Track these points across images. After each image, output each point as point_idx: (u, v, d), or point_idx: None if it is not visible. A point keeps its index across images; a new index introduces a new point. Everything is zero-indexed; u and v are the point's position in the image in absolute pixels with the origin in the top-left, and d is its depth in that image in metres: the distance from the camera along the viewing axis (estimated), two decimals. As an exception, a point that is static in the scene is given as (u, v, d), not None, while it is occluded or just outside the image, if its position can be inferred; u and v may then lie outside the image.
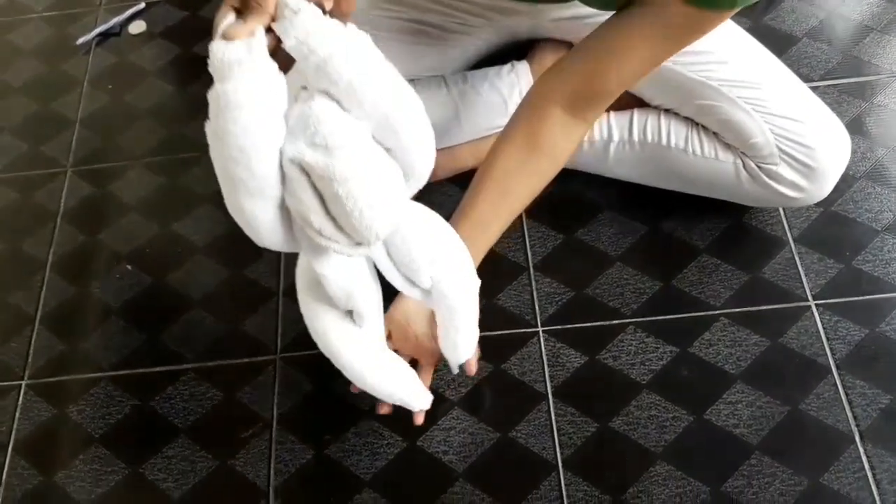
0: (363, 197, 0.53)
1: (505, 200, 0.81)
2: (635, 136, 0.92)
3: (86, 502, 0.85)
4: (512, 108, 0.96)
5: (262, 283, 0.98)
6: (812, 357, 0.87)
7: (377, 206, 0.54)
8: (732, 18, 0.90)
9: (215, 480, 0.85)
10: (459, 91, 0.96)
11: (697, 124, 0.90)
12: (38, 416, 0.91)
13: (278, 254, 1.00)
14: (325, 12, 0.52)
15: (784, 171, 0.85)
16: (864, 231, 0.94)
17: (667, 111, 0.91)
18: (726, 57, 0.86)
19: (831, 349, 0.87)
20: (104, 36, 1.25)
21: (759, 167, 0.86)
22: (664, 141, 0.90)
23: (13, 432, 0.90)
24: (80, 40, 1.24)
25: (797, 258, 0.93)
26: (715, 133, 0.88)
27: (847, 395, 0.84)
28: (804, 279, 0.92)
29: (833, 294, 0.90)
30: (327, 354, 0.74)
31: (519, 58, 1.00)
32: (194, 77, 1.19)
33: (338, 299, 0.67)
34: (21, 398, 0.92)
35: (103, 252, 1.03)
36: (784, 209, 0.97)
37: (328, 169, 0.52)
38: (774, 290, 0.91)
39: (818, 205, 0.96)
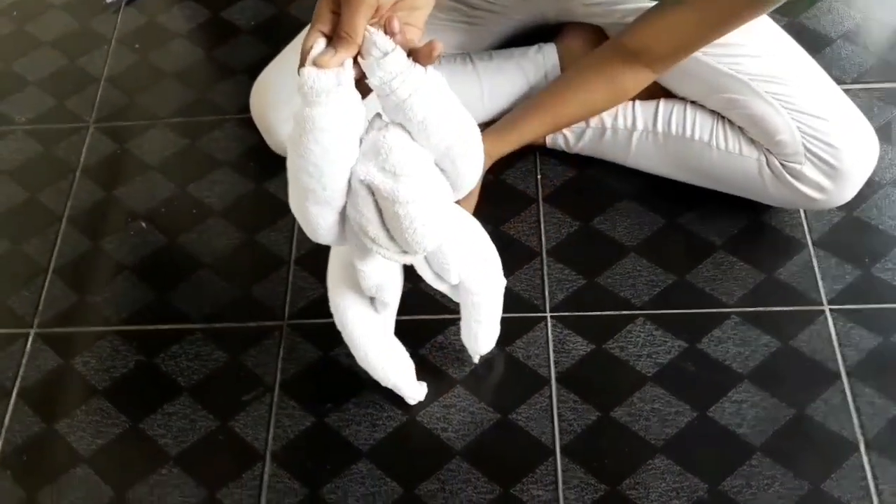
0: (420, 217, 0.59)
1: (560, 104, 0.88)
2: (659, 127, 0.91)
3: (85, 452, 0.86)
4: (536, 90, 0.96)
5: (274, 251, 0.98)
6: (822, 362, 0.85)
7: (430, 226, 0.61)
8: (769, 14, 0.89)
9: (214, 440, 0.85)
10: (484, 68, 0.95)
11: (723, 118, 0.88)
12: (44, 364, 0.92)
13: (293, 223, 1.00)
14: (409, 55, 0.56)
15: (808, 170, 0.83)
16: (886, 239, 0.93)
17: (693, 103, 0.90)
18: (758, 51, 0.84)
19: (843, 355, 0.85)
20: (135, -4, 1.25)
21: (783, 165, 0.85)
22: (688, 133, 0.89)
23: (18, 378, 0.91)
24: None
25: (815, 261, 0.92)
26: (740, 128, 0.87)
27: (855, 402, 0.83)
28: (820, 283, 0.90)
29: (849, 300, 0.89)
30: (340, 328, 0.77)
31: (546, 42, 0.99)
32: (221, 41, 1.19)
33: (367, 289, 0.72)
34: (29, 346, 0.93)
35: (119, 208, 1.04)
36: (805, 211, 0.95)
37: (393, 193, 0.58)
38: (789, 292, 0.90)
39: (840, 209, 0.95)
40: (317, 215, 0.62)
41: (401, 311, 0.81)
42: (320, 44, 0.56)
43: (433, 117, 0.57)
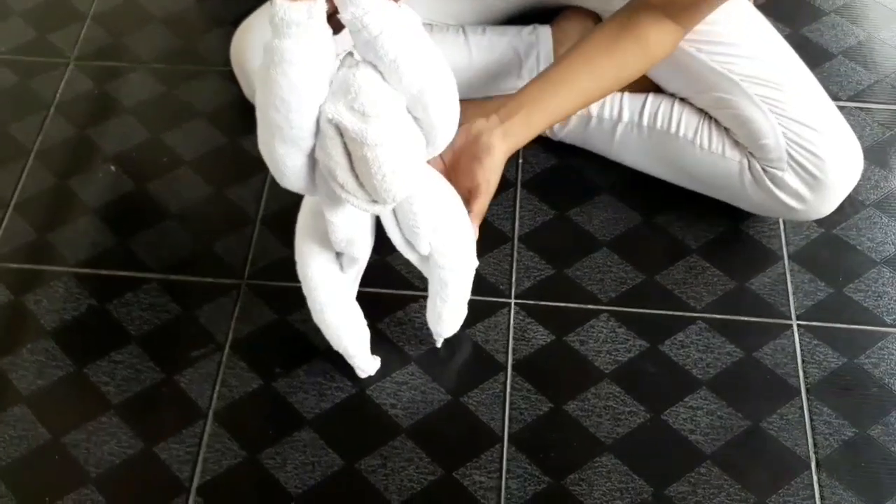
0: (388, 163, 0.57)
1: (587, 72, 0.78)
2: (645, 121, 0.89)
3: (25, 391, 0.84)
4: (526, 70, 0.94)
5: (241, 207, 0.96)
6: (783, 376, 0.84)
7: (399, 172, 0.58)
8: (771, 21, 0.87)
9: (157, 393, 0.83)
10: (476, 42, 0.93)
11: (710, 118, 0.86)
12: (-7, 298, 0.90)
13: (262, 181, 0.98)
14: None
15: (789, 178, 0.82)
16: (863, 260, 0.91)
17: (682, 100, 0.88)
18: (753, 53, 0.82)
19: (805, 372, 0.84)
20: (132, -64, 1.22)
21: (764, 170, 0.83)
22: (673, 129, 0.87)
23: (-35, 310, 0.89)
24: (107, -64, 1.21)
25: (788, 275, 0.90)
26: (726, 130, 0.85)
27: (812, 420, 0.81)
28: (791, 297, 0.89)
29: (817, 317, 0.87)
30: (301, 278, 0.75)
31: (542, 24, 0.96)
32: (215, -8, 1.16)
33: (337, 243, 0.70)
34: (-20, 278, 0.91)
35: (90, 149, 1.01)
36: (784, 223, 0.93)
37: (362, 133, 0.56)
38: (758, 303, 0.88)
39: (819, 225, 0.93)
40: (284, 155, 0.60)
41: (363, 282, 0.79)
42: None
43: (405, 56, 0.55)
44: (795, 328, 0.87)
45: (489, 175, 0.76)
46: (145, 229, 0.94)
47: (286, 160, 0.60)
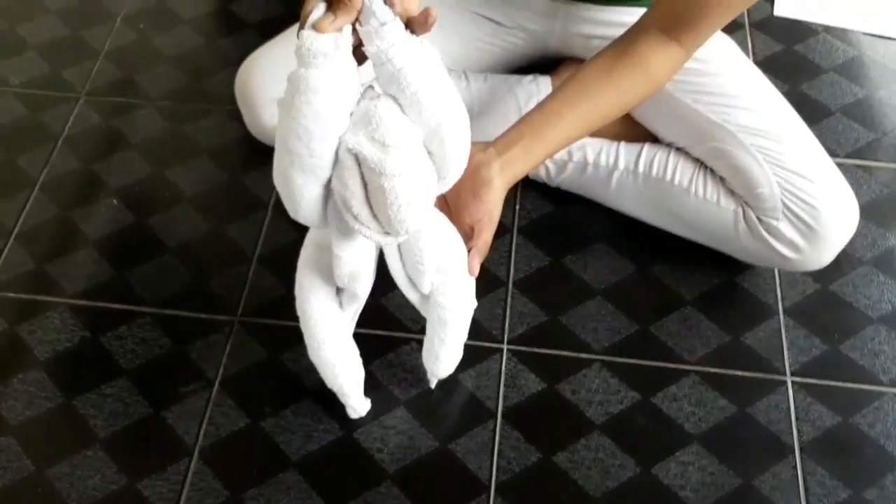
0: (404, 194, 0.59)
1: (584, 99, 0.77)
2: (640, 168, 0.89)
3: (13, 421, 0.83)
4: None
5: (238, 245, 0.97)
6: (777, 434, 0.82)
7: (414, 203, 0.60)
8: (769, 76, 0.88)
9: (144, 428, 0.83)
10: (478, 87, 0.94)
11: (705, 168, 0.87)
12: (-12, 327, 0.90)
13: (261, 219, 0.99)
14: (406, 27, 0.57)
15: (784, 227, 0.82)
16: (859, 317, 0.90)
17: (678, 150, 0.89)
18: (750, 105, 0.83)
19: (799, 430, 0.83)
20: (149, -23, 1.26)
21: (759, 219, 0.83)
22: (668, 177, 0.88)
23: (-40, 338, 0.89)
24: (125, -24, 1.25)
25: (783, 330, 0.90)
26: (721, 179, 0.86)
27: (805, 481, 0.80)
28: (786, 353, 0.88)
29: (813, 374, 0.86)
30: (300, 313, 0.75)
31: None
32: (226, 33, 1.19)
33: (340, 278, 0.71)
34: (-24, 307, 0.92)
35: (94, 183, 1.03)
36: (780, 278, 0.93)
37: (381, 163, 0.57)
38: (753, 358, 0.88)
39: (815, 280, 0.93)
40: (301, 185, 0.61)
41: (356, 324, 0.79)
42: (320, 8, 0.57)
43: (426, 89, 0.57)
44: (790, 384, 0.86)
45: (490, 208, 0.76)
46: (143, 263, 0.95)
47: (303, 190, 0.62)
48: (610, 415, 0.84)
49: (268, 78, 0.87)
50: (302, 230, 0.76)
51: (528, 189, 0.99)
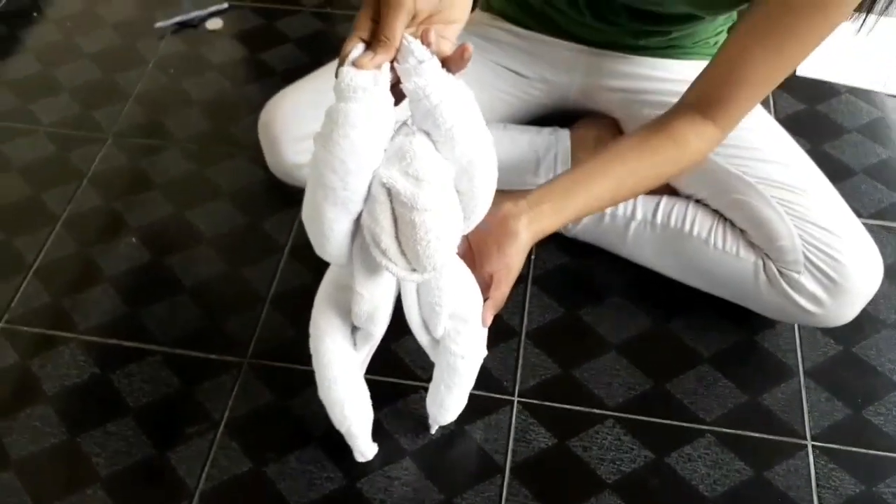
0: (434, 229, 0.60)
1: (620, 165, 0.77)
2: (659, 219, 0.88)
3: (15, 456, 0.83)
4: (543, 169, 0.95)
5: (253, 287, 0.97)
6: (796, 501, 0.79)
7: (443, 239, 0.61)
8: (791, 133, 0.87)
9: (147, 468, 0.82)
10: (497, 137, 0.93)
11: (724, 219, 0.86)
12: (0, 360, 0.90)
13: (277, 262, 0.99)
14: (443, 65, 0.59)
15: (806, 280, 0.80)
16: (883, 382, 0.87)
17: (697, 202, 0.88)
18: (771, 157, 0.83)
19: (819, 498, 0.79)
20: (182, 26, 1.30)
21: (780, 272, 0.81)
22: (687, 228, 0.86)
23: (-29, 370, 0.89)
24: (159, 24, 1.29)
25: (804, 392, 0.87)
26: (741, 231, 0.84)
27: (827, 552, 0.76)
28: (806, 416, 0.85)
29: (834, 439, 0.83)
30: (313, 351, 0.75)
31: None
32: (254, 80, 1.22)
33: (358, 316, 0.71)
34: (-9, 339, 0.92)
35: (115, 221, 1.04)
36: (801, 338, 0.91)
37: (413, 198, 0.58)
38: (772, 420, 0.85)
39: (838, 342, 0.90)
40: (332, 220, 0.62)
41: (367, 369, 0.78)
42: (359, 47, 0.58)
43: (461, 125, 0.59)
44: (810, 449, 0.83)
45: (510, 262, 0.75)
46: (157, 302, 0.95)
47: (333, 224, 0.62)
48: (622, 473, 0.81)
49: (291, 116, 0.88)
50: (316, 275, 0.76)
51: (544, 240, 0.98)
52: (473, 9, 0.99)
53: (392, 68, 0.58)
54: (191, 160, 1.11)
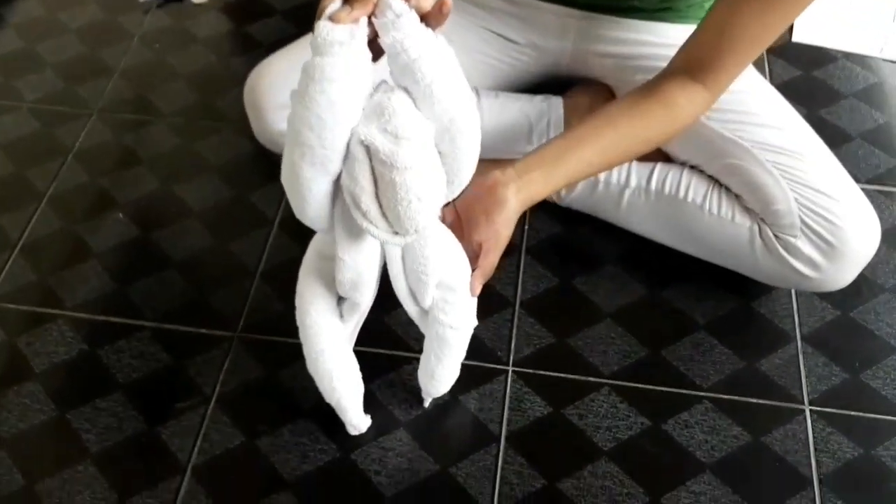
0: (415, 188, 0.58)
1: (609, 130, 0.77)
2: (653, 186, 0.87)
3: (5, 434, 0.82)
4: (536, 136, 0.94)
5: (242, 260, 0.95)
6: (794, 465, 0.78)
7: (424, 200, 0.59)
8: (786, 97, 0.86)
9: (137, 444, 0.81)
10: (488, 105, 0.93)
11: (719, 185, 0.85)
12: (-13, 338, 0.89)
13: (266, 235, 0.97)
14: (421, 20, 0.57)
15: (803, 244, 0.79)
16: (881, 346, 0.87)
17: (691, 168, 0.86)
18: (766, 121, 0.81)
19: (817, 461, 0.79)
20: (167, 0, 1.27)
21: (776, 237, 0.80)
22: (681, 194, 0.85)
23: (-43, 348, 0.88)
24: (143, -2, 1.27)
25: (801, 357, 0.86)
26: (736, 197, 0.83)
27: (825, 515, 0.75)
28: (804, 381, 0.84)
29: (832, 403, 0.83)
30: (299, 323, 0.74)
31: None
32: (240, 53, 1.20)
33: (342, 284, 0.70)
34: (-24, 317, 0.91)
35: (102, 197, 1.02)
36: (798, 303, 0.90)
37: (392, 156, 0.57)
38: (769, 385, 0.84)
39: (835, 307, 0.89)
40: (310, 180, 0.60)
41: (358, 341, 0.77)
42: (337, 2, 0.57)
43: (441, 81, 0.57)
44: (808, 413, 0.82)
45: (499, 229, 0.74)
46: (145, 277, 0.94)
47: (311, 185, 0.61)
48: (618, 441, 0.80)
49: (277, 83, 0.87)
50: (305, 248, 0.74)
51: (536, 208, 0.97)
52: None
53: (370, 23, 0.57)
54: (177, 134, 1.09)
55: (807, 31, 1.18)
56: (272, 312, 0.90)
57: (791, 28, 1.18)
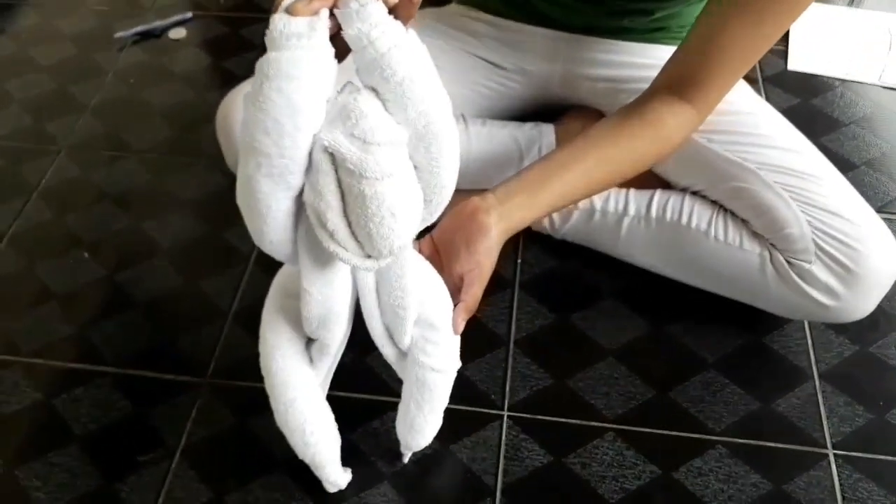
0: (388, 201, 0.51)
1: (593, 151, 0.73)
2: (653, 213, 0.82)
3: (-57, 495, 0.73)
4: (527, 163, 0.88)
5: (213, 301, 0.88)
6: (821, 516, 0.71)
7: (399, 215, 0.52)
8: (788, 118, 0.82)
9: (93, 502, 0.73)
10: (476, 131, 0.88)
11: (724, 210, 0.79)
12: (-69, 387, 0.81)
13: (241, 273, 0.91)
14: (389, 13, 0.51)
15: (818, 270, 0.73)
16: (906, 383, 0.80)
17: (693, 194, 0.81)
18: (771, 142, 0.76)
19: (846, 512, 0.71)
20: (144, 36, 1.23)
21: (789, 263, 0.74)
22: (684, 220, 0.80)
23: None
24: (119, 34, 1.22)
25: (820, 396, 0.79)
26: (743, 221, 0.78)
27: (858, 572, 0.68)
28: (825, 422, 0.77)
29: (857, 447, 0.76)
30: (264, 371, 0.66)
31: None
32: (218, 87, 1.15)
33: (309, 321, 0.63)
34: (-78, 365, 0.83)
35: (66, 235, 0.96)
36: (813, 339, 0.83)
37: (361, 164, 0.50)
38: (787, 428, 0.77)
39: (854, 342, 0.83)
40: (268, 195, 0.52)
41: (335, 385, 0.70)
42: None
43: (413, 78, 0.50)
44: (832, 458, 0.75)
45: (481, 259, 0.68)
46: (108, 319, 0.87)
47: (270, 201, 0.53)
48: (626, 492, 0.73)
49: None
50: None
51: (530, 241, 0.92)
52: (450, 1, 0.94)
53: (332, 15, 0.50)
54: (149, 170, 1.04)
55: (803, 60, 1.15)
56: (245, 356, 0.83)
57: (786, 57, 1.15)
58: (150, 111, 1.12)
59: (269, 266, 0.91)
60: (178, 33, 1.24)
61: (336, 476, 0.71)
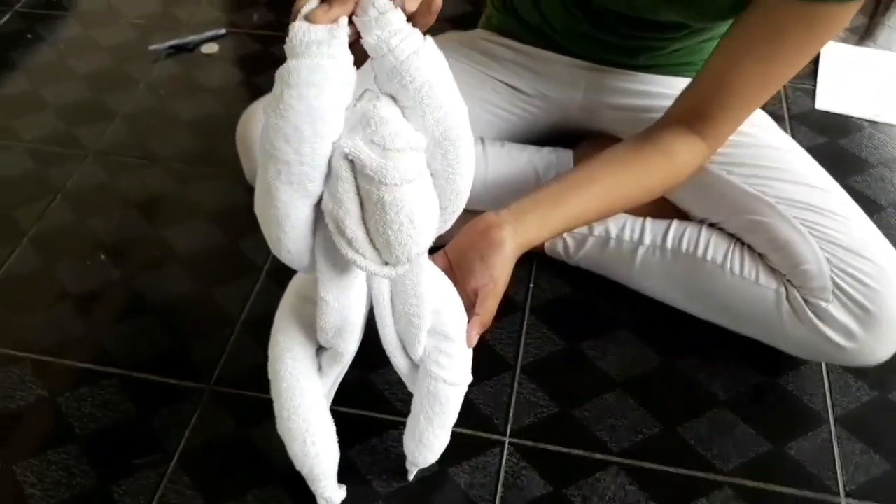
0: (407, 208, 0.51)
1: (607, 175, 0.73)
2: (669, 243, 0.80)
3: (-59, 485, 0.74)
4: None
5: (224, 308, 0.89)
6: (831, 567, 0.68)
7: (417, 221, 0.52)
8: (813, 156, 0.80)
9: (86, 502, 0.72)
10: (494, 153, 0.88)
11: (741, 243, 0.78)
12: (-59, 378, 0.82)
13: (253, 283, 0.91)
14: (407, 19, 0.51)
15: (835, 310, 0.71)
16: (926, 433, 0.77)
17: (710, 225, 0.80)
18: (791, 177, 0.75)
19: (858, 565, 0.68)
20: (178, 50, 1.26)
21: (805, 301, 0.72)
22: (700, 252, 0.78)
23: None
24: (153, 47, 1.25)
25: (835, 442, 0.76)
26: (760, 256, 0.76)
27: None
28: (839, 469, 0.74)
29: (874, 497, 0.72)
30: (271, 375, 0.66)
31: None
32: (246, 102, 1.15)
33: (324, 331, 0.63)
34: (-66, 356, 0.84)
35: (86, 237, 0.97)
36: (830, 381, 0.81)
37: (381, 169, 0.50)
38: (799, 473, 0.74)
39: (872, 387, 0.80)
40: (287, 203, 0.53)
41: (337, 400, 0.70)
42: (313, 1, 0.51)
43: (431, 86, 0.50)
44: (845, 508, 0.72)
45: (497, 273, 0.67)
46: (120, 322, 0.88)
47: (289, 209, 0.53)
48: (626, 528, 0.70)
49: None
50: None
51: (543, 267, 0.91)
52: (474, 27, 0.95)
53: (351, 23, 0.50)
54: (172, 179, 1.05)
55: (830, 99, 1.13)
56: (250, 364, 0.83)
57: (814, 95, 1.14)
58: (177, 122, 1.14)
59: (281, 278, 0.91)
60: (211, 48, 1.26)
61: (331, 492, 0.70)
